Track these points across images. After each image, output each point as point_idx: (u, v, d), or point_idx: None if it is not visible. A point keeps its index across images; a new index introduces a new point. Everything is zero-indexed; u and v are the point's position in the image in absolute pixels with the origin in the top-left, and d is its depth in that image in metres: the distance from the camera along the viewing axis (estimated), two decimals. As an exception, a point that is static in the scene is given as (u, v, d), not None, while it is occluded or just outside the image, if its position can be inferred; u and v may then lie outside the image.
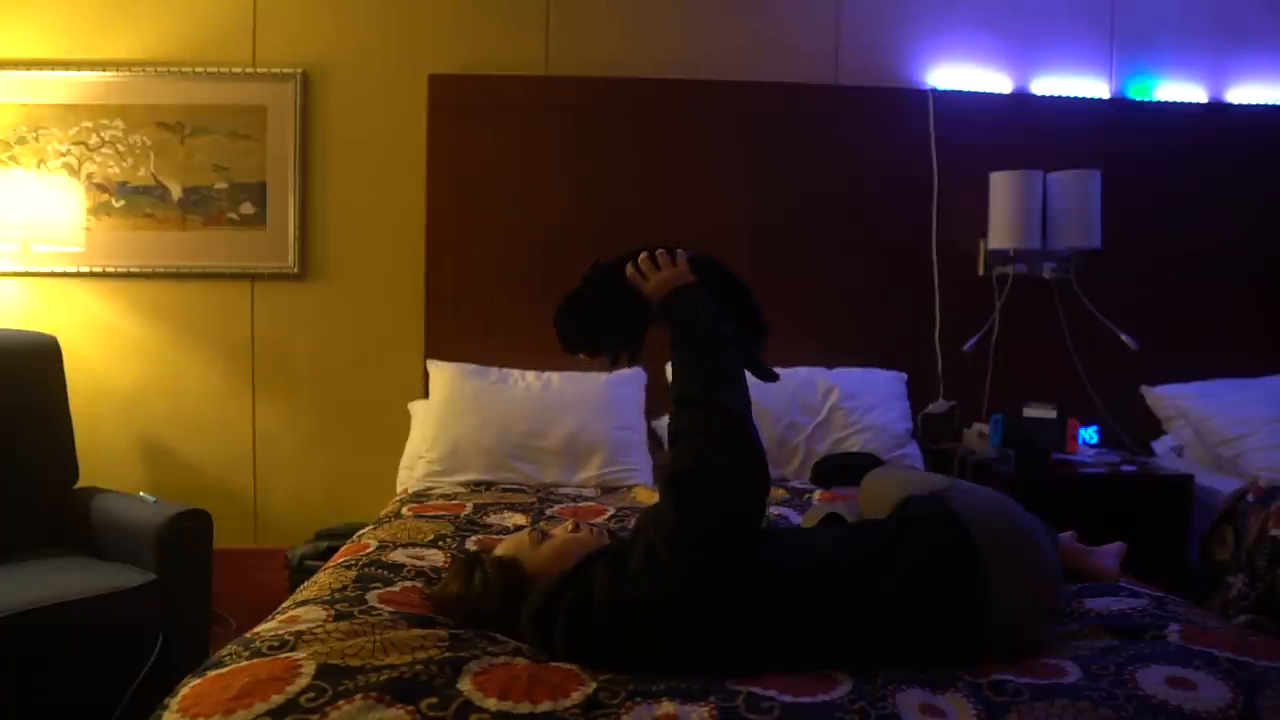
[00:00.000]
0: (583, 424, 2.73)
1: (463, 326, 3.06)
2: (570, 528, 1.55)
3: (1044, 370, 3.14)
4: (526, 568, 1.45)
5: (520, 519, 2.21)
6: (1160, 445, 3.08)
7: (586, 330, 1.66)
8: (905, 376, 3.06)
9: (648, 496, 2.50)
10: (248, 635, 1.37)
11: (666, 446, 1.47)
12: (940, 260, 3.16)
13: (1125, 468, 2.81)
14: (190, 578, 2.35)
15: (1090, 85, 3.24)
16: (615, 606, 1.27)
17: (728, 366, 1.47)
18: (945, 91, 3.17)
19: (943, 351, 3.16)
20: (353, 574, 1.69)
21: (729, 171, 3.13)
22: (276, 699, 1.13)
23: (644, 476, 2.71)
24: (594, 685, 1.19)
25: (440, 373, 2.90)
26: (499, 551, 1.53)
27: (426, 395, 2.95)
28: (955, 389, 3.16)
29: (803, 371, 2.96)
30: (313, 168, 3.11)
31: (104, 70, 3.04)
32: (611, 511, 2.30)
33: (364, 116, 3.12)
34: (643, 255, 1.63)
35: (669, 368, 1.52)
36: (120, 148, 3.06)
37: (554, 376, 2.87)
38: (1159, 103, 3.25)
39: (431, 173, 3.06)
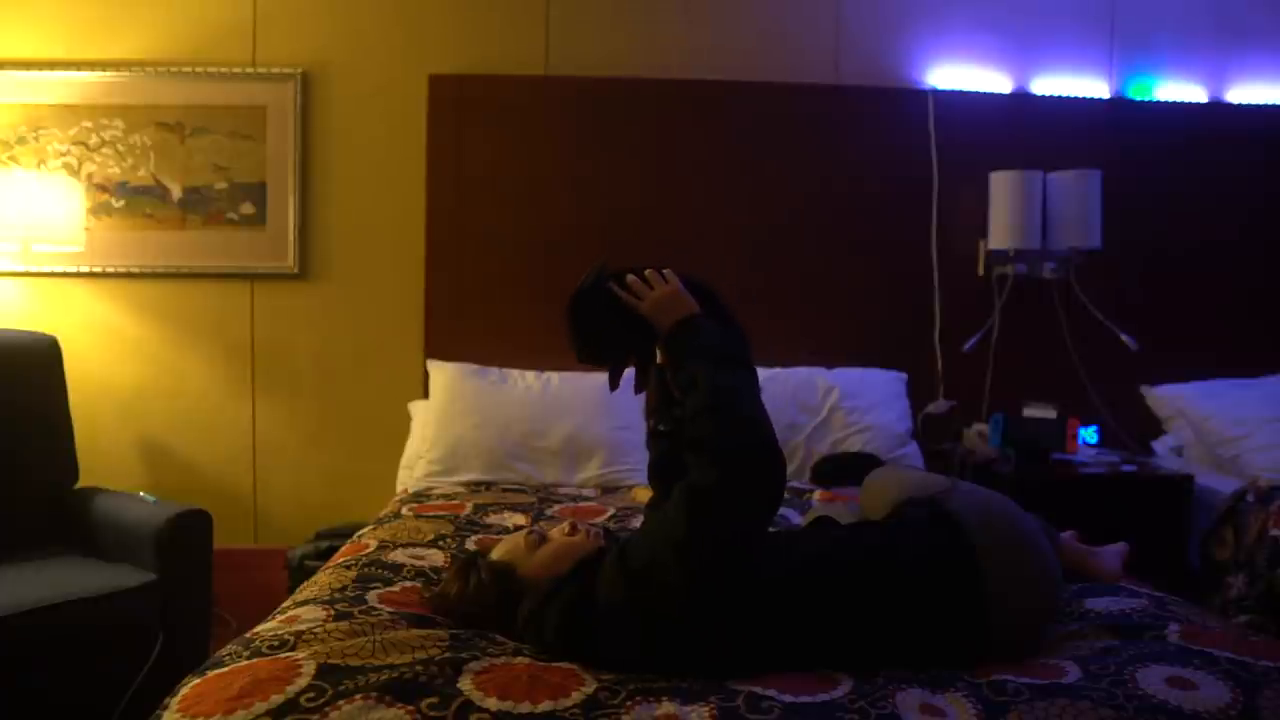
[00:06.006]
0: (583, 424, 2.73)
1: (463, 326, 3.06)
2: (566, 530, 1.52)
3: (1044, 370, 3.14)
4: (521, 573, 1.44)
5: (520, 519, 2.21)
6: (1160, 445, 3.08)
7: (596, 336, 1.56)
8: (905, 376, 3.06)
9: (646, 496, 2.49)
10: (248, 635, 1.37)
11: (653, 449, 1.46)
12: (940, 260, 3.16)
13: (1125, 468, 2.81)
14: (190, 578, 2.35)
15: (1090, 85, 3.24)
16: (618, 611, 1.27)
17: (748, 379, 1.43)
18: (945, 91, 3.17)
19: (943, 351, 3.16)
20: (353, 574, 1.69)
21: (729, 171, 3.12)
22: (276, 699, 1.13)
23: (644, 476, 2.70)
24: (594, 685, 1.19)
25: (440, 373, 2.90)
26: (495, 555, 1.51)
27: (426, 395, 2.95)
28: (955, 389, 3.15)
29: (803, 371, 2.96)
30: (313, 168, 3.11)
31: (104, 70, 3.03)
32: (611, 511, 2.30)
33: (364, 116, 3.11)
34: (631, 277, 1.54)
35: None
36: (120, 148, 3.05)
37: (554, 376, 2.87)
38: (1159, 103, 3.25)
39: (431, 173, 3.06)
